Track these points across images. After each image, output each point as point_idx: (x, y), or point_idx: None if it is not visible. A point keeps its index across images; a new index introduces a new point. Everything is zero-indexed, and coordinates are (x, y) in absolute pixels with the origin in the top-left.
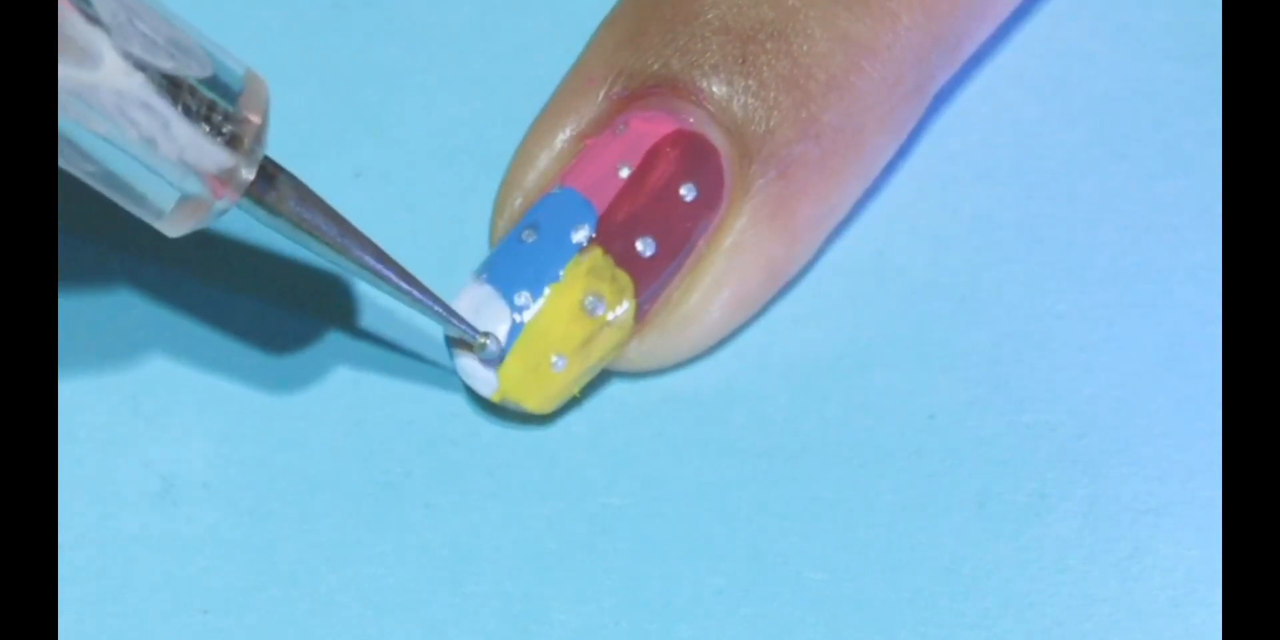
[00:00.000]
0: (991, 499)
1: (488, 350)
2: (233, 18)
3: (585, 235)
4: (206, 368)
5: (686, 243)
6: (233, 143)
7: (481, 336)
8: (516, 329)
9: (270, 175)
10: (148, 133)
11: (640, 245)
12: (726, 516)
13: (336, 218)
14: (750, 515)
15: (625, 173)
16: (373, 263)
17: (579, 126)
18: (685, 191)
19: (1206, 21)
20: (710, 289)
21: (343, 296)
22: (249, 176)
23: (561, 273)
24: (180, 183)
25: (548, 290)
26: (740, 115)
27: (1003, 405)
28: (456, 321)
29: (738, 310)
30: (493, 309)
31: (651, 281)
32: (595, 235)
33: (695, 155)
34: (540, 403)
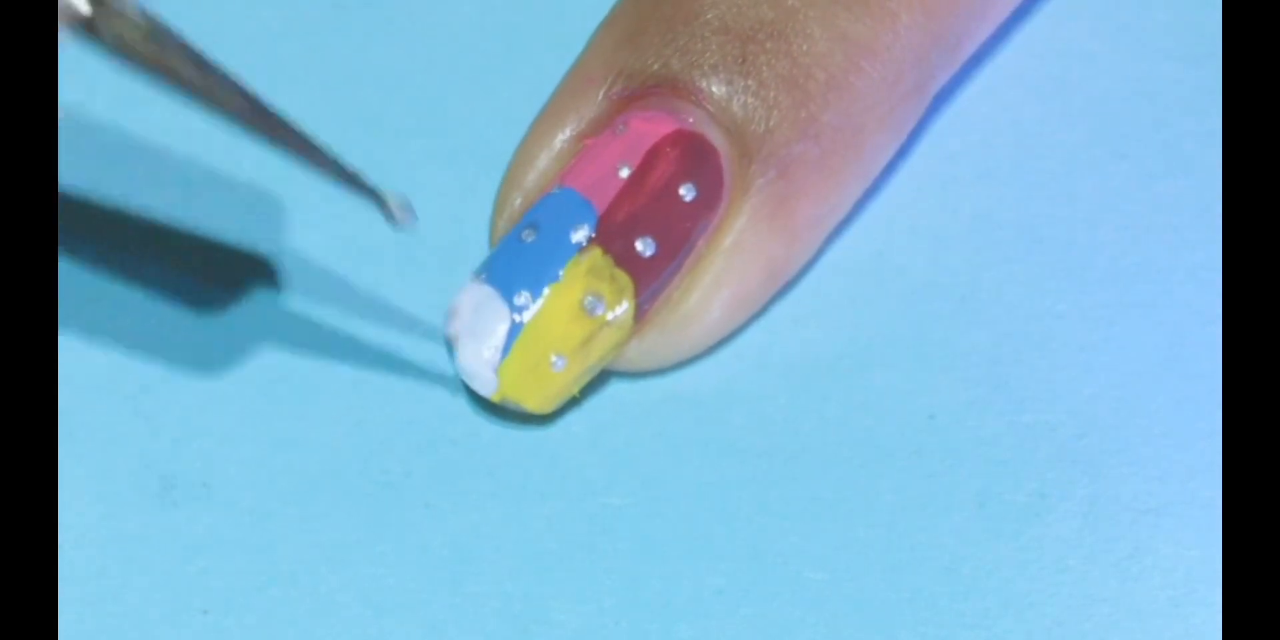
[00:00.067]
0: (991, 499)
1: (408, 221)
2: (233, 18)
3: (585, 235)
4: (206, 368)
5: (686, 242)
6: None
7: (390, 203)
8: (516, 329)
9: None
10: None
11: (640, 245)
12: (726, 516)
13: (196, 58)
14: (750, 515)
15: (625, 173)
16: (243, 106)
17: (579, 127)
18: (685, 191)
19: (1206, 21)
20: (710, 289)
21: (343, 296)
22: (83, 8)
23: (561, 272)
24: None
25: (547, 290)
26: (740, 115)
27: (1003, 405)
28: (353, 182)
29: (738, 310)
30: (492, 309)
31: (651, 281)
32: (595, 235)
33: (695, 155)
34: (540, 402)
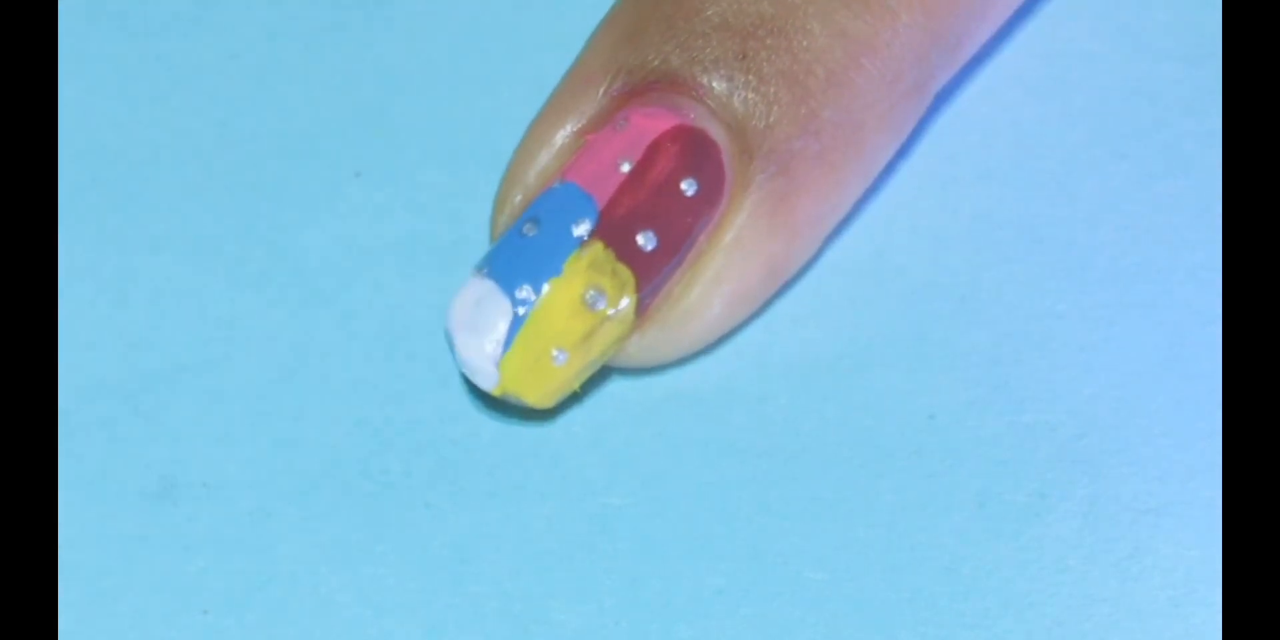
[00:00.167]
0: (991, 499)
1: None
2: (233, 18)
3: (586, 229)
4: (206, 368)
5: (687, 238)
6: None
7: None
8: (517, 323)
9: None
10: None
11: (641, 240)
12: (726, 516)
13: None
14: (750, 515)
15: (626, 168)
16: None
17: (579, 123)
18: (686, 186)
19: (1206, 21)
20: (711, 284)
21: (343, 296)
22: None
23: (563, 266)
24: None
25: (548, 284)
26: (740, 111)
27: (1003, 405)
28: None
29: (738, 306)
30: (494, 303)
31: (653, 276)
32: (596, 229)
33: (696, 150)
34: (541, 397)
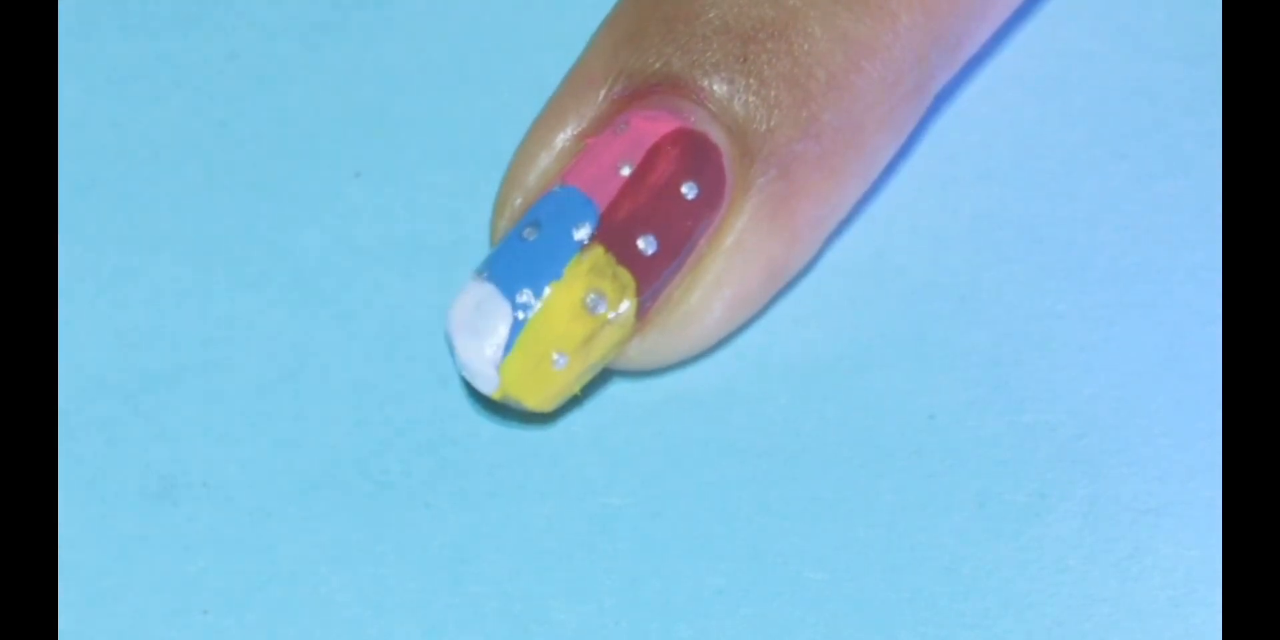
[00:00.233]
0: (991, 499)
1: None
2: (233, 18)
3: (587, 233)
4: (206, 368)
5: (688, 241)
6: None
7: None
8: (518, 327)
9: None
10: None
11: (642, 243)
12: (726, 516)
13: None
14: (750, 515)
15: (626, 171)
16: None
17: (580, 126)
18: (687, 190)
19: (1206, 21)
20: (711, 288)
21: (343, 296)
22: None
23: (563, 270)
24: None
25: (549, 288)
26: (741, 114)
27: (1003, 405)
28: None
29: (738, 309)
30: (494, 306)
31: (653, 280)
32: (596, 233)
33: (696, 153)
34: (541, 401)
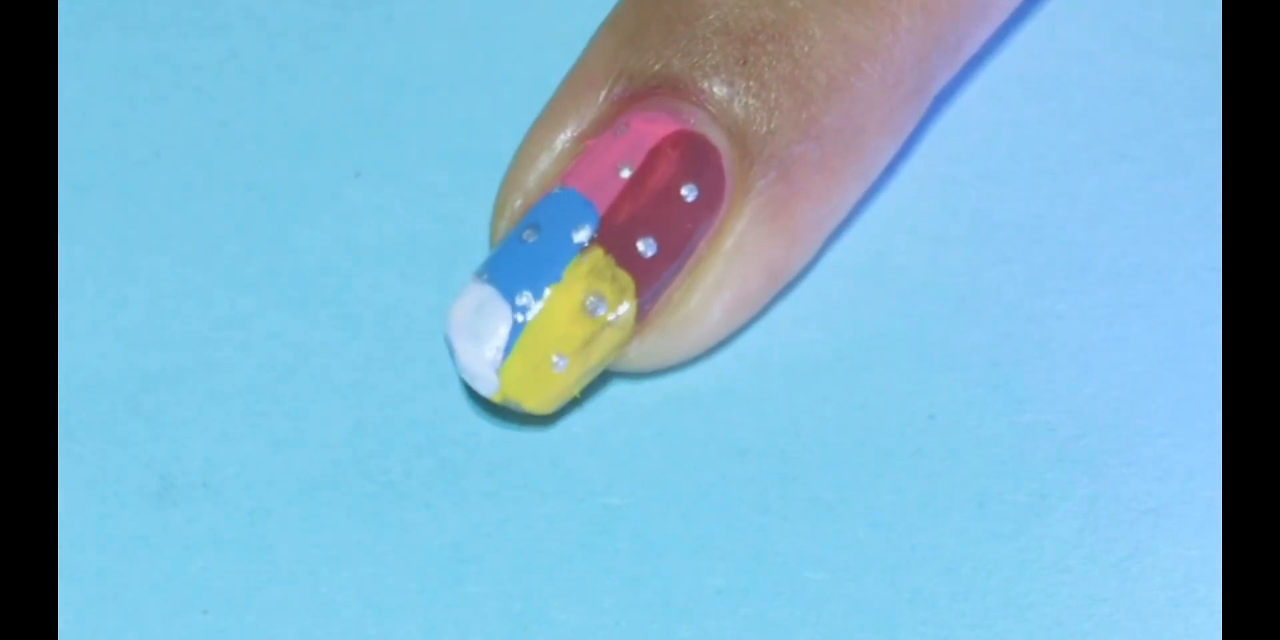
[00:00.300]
0: (991, 499)
1: None
2: (233, 18)
3: (586, 235)
4: (206, 368)
5: (687, 243)
6: None
7: None
8: (518, 329)
9: None
10: None
11: (641, 246)
12: (726, 516)
13: None
14: (750, 515)
15: (626, 173)
16: None
17: (580, 127)
18: (686, 192)
19: (1206, 21)
20: (711, 290)
21: (343, 296)
22: None
23: (563, 273)
24: None
25: (549, 290)
26: (741, 116)
27: (1003, 405)
28: None
29: (738, 311)
30: (494, 309)
31: (653, 282)
32: (596, 235)
33: (696, 156)
34: (541, 403)
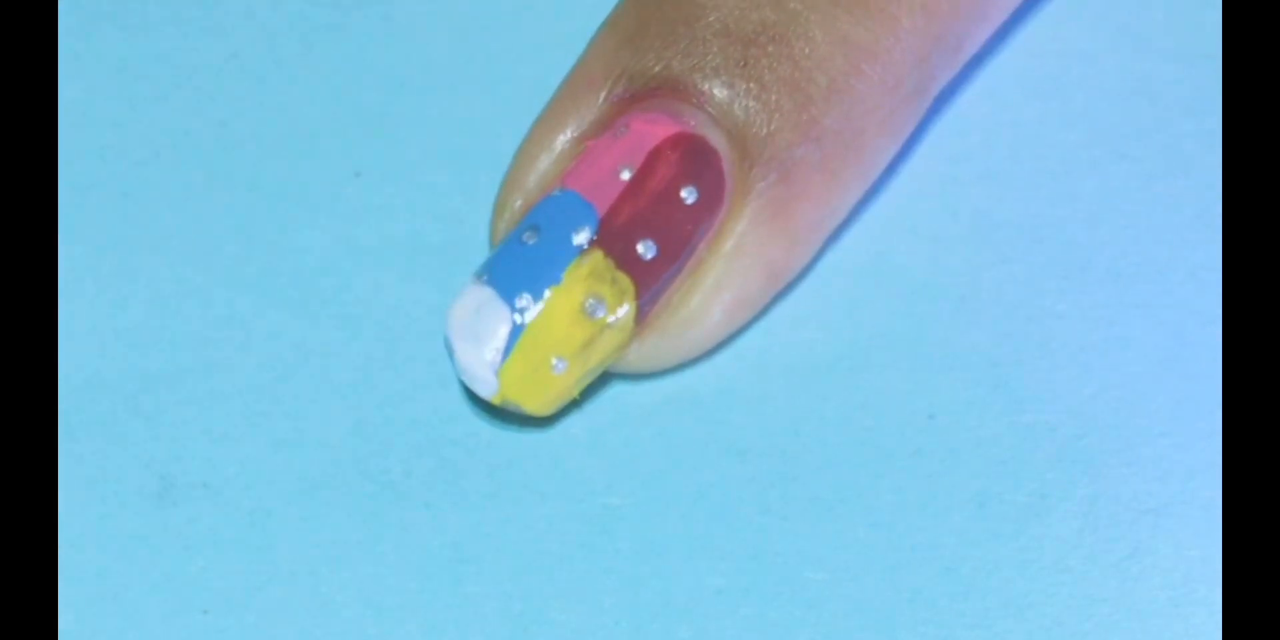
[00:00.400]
0: (991, 499)
1: None
2: (233, 18)
3: (586, 237)
4: (206, 368)
5: (687, 245)
6: None
7: None
8: (517, 331)
9: None
10: None
11: (641, 248)
12: (726, 516)
13: None
14: (750, 515)
15: (626, 175)
16: None
17: (580, 128)
18: (686, 194)
19: (1206, 21)
20: (710, 292)
21: (343, 296)
22: None
23: (562, 275)
24: None
25: (548, 292)
26: (741, 118)
27: (1003, 405)
28: None
29: (738, 313)
30: (493, 311)
31: (652, 284)
32: (596, 237)
33: (696, 158)
34: (540, 405)
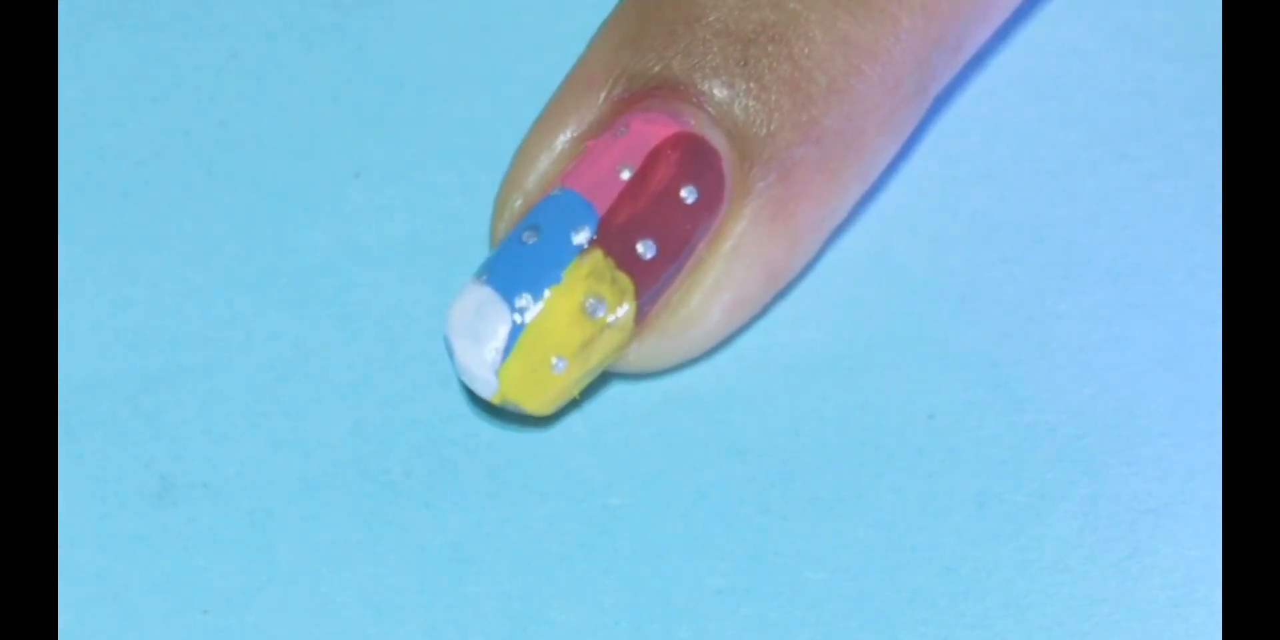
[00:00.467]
0: (991, 499)
1: None
2: (233, 18)
3: (586, 237)
4: (206, 368)
5: (687, 245)
6: None
7: None
8: (517, 331)
9: None
10: None
11: (641, 247)
12: (726, 516)
13: None
14: (750, 515)
15: (626, 175)
16: None
17: (580, 128)
18: (686, 194)
19: (1206, 21)
20: (710, 292)
21: (343, 296)
22: None
23: (562, 274)
24: None
25: (548, 292)
26: (741, 118)
27: (1003, 405)
28: None
29: (738, 312)
30: (493, 310)
31: (652, 284)
32: (596, 237)
33: (696, 157)
34: (540, 405)
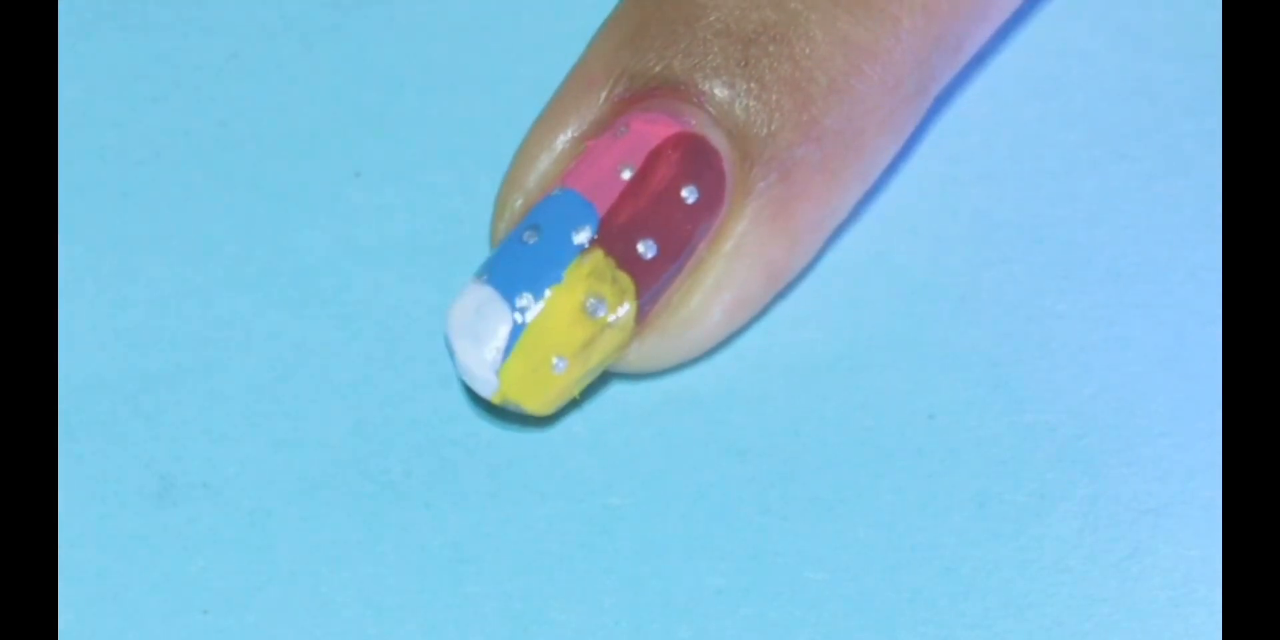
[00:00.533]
0: (991, 499)
1: None
2: (233, 18)
3: (587, 237)
4: (206, 368)
5: (687, 245)
6: None
7: None
8: (518, 330)
9: None
10: None
11: (641, 247)
12: (726, 516)
13: None
14: (750, 515)
15: (627, 174)
16: None
17: (580, 128)
18: (687, 194)
19: (1206, 21)
20: (711, 291)
21: (343, 296)
22: None
23: (563, 274)
24: None
25: (549, 292)
26: (742, 118)
27: (1003, 405)
28: None
29: (738, 312)
30: (494, 310)
31: (652, 283)
32: (596, 237)
33: (697, 157)
34: (540, 404)
